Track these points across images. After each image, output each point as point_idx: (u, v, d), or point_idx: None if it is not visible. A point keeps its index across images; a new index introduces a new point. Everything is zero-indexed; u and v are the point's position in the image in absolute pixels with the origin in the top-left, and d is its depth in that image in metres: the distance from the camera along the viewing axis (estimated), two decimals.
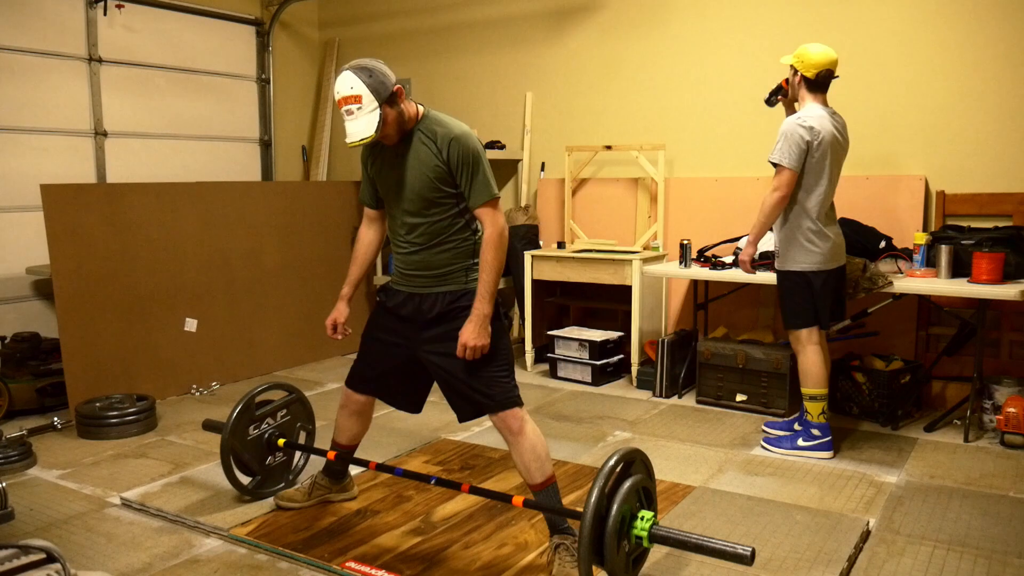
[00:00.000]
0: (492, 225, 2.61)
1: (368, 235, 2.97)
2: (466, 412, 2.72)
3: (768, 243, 4.41)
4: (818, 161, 3.60)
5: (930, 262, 4.08)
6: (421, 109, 2.67)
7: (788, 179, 3.58)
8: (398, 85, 2.56)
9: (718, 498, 3.24)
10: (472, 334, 2.58)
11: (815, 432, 3.73)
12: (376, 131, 2.51)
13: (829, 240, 3.65)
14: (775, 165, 3.61)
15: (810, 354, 3.69)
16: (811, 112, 3.62)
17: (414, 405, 2.96)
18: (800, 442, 3.75)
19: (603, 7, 5.53)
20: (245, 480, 3.24)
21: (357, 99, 2.49)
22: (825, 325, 3.71)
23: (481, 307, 2.60)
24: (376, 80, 2.50)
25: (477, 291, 2.62)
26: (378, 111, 2.51)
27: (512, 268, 5.67)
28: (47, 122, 5.25)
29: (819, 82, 3.65)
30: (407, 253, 2.73)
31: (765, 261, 4.28)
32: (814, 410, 3.72)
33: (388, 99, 2.53)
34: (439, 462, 3.71)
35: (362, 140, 2.52)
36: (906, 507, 3.15)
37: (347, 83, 2.50)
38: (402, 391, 2.92)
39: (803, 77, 3.65)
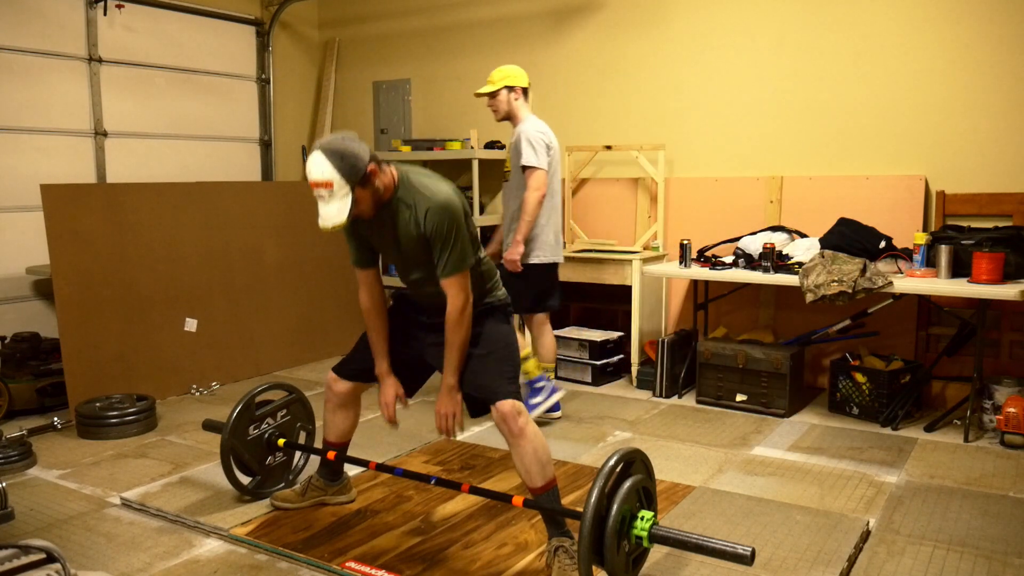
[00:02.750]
0: (455, 299, 2.62)
1: (371, 300, 2.89)
2: (475, 408, 2.78)
3: (795, 247, 4.43)
4: (550, 165, 4.12)
5: (930, 262, 4.07)
6: (397, 173, 2.63)
7: (544, 178, 4.07)
8: (372, 164, 2.51)
9: (718, 498, 3.24)
10: (445, 405, 2.72)
11: (538, 386, 4.12)
12: (348, 216, 2.49)
13: (557, 236, 4.23)
14: (527, 168, 4.06)
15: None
16: (539, 124, 4.17)
17: (405, 392, 2.99)
18: (532, 400, 4.08)
19: (603, 7, 5.53)
20: (245, 480, 3.24)
21: (328, 184, 2.45)
22: (555, 308, 4.31)
23: (449, 380, 2.71)
24: (347, 164, 2.46)
25: (446, 365, 2.70)
26: (349, 196, 2.48)
27: None
28: (47, 122, 5.25)
29: (527, 91, 4.23)
30: (416, 289, 2.81)
31: (782, 263, 4.30)
32: (531, 368, 4.11)
33: (360, 181, 2.49)
34: (439, 462, 3.71)
35: (334, 226, 2.50)
36: (906, 507, 3.15)
37: (318, 168, 2.46)
38: (398, 376, 2.94)
39: (522, 90, 4.19)
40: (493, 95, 4.19)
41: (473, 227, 2.73)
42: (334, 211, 2.49)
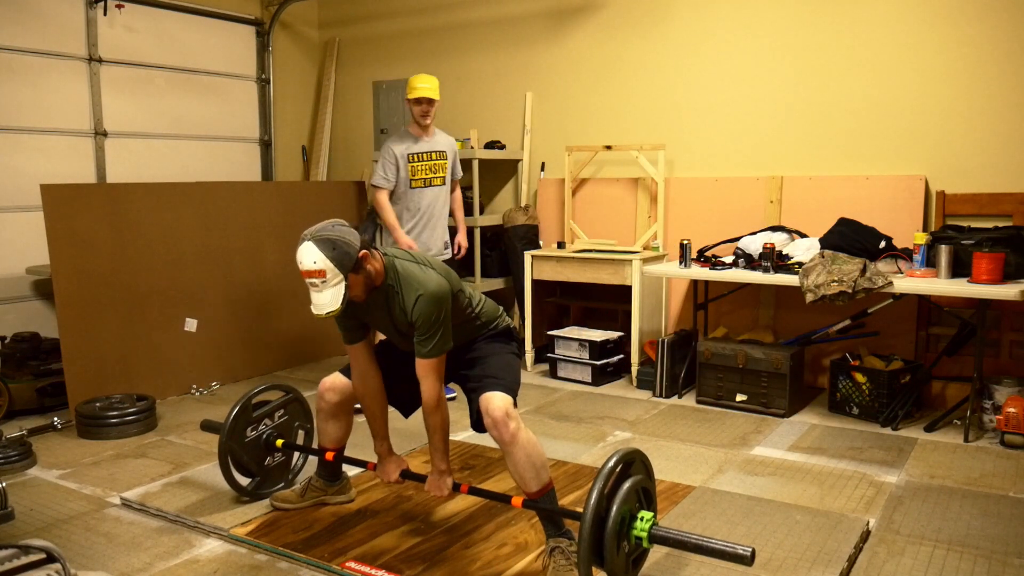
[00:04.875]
0: (432, 387, 2.65)
1: (365, 384, 2.85)
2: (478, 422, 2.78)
3: (795, 247, 4.43)
4: None
5: (930, 262, 4.07)
6: (386, 260, 2.65)
7: None
8: (363, 250, 2.53)
9: (718, 498, 3.24)
10: (435, 487, 2.78)
11: None
12: (342, 303, 2.49)
13: None
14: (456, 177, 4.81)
15: None
16: None
17: (405, 407, 3.01)
18: None
19: (603, 7, 5.53)
20: (244, 481, 3.24)
21: (321, 273, 2.46)
22: None
23: (439, 465, 2.76)
24: (340, 253, 2.47)
25: (435, 450, 2.74)
26: (343, 283, 2.48)
27: (512, 268, 5.67)
28: (47, 122, 5.25)
29: None
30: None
31: (782, 263, 4.30)
32: None
33: (353, 268, 2.50)
34: None
35: (328, 313, 2.50)
36: (906, 507, 3.15)
37: (310, 257, 2.46)
38: (399, 393, 2.95)
39: None
40: (434, 101, 4.52)
41: (466, 295, 2.79)
42: (327, 298, 2.49)
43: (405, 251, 2.74)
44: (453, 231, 4.98)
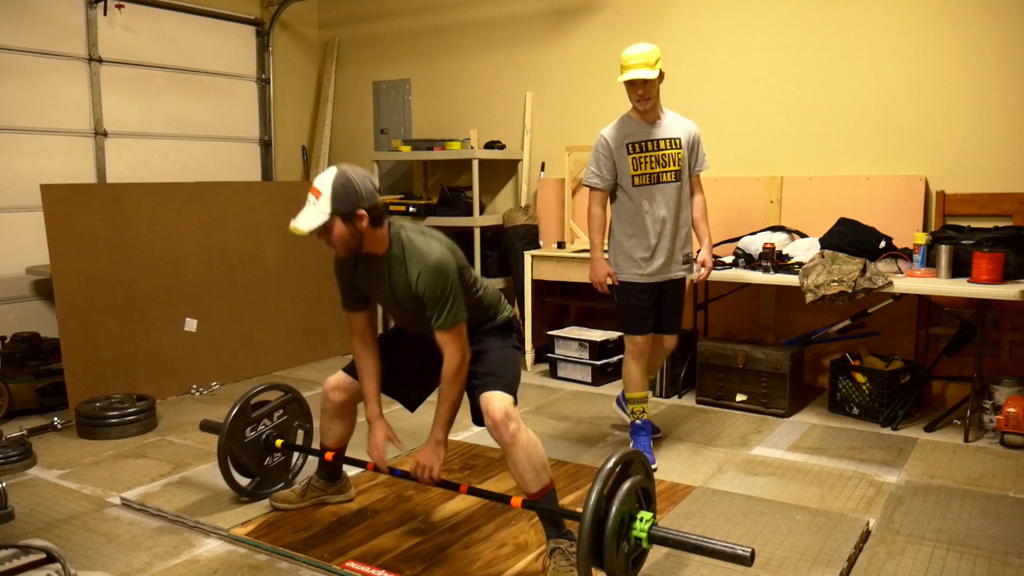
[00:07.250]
0: (452, 356, 2.61)
1: (363, 345, 2.85)
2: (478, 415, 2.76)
3: (795, 247, 4.42)
4: None
5: (930, 262, 4.07)
6: (392, 230, 2.64)
7: None
8: (363, 210, 2.52)
9: (718, 498, 3.24)
10: (427, 458, 2.69)
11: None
12: (312, 233, 2.51)
13: None
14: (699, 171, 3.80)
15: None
16: None
17: (411, 403, 3.02)
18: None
19: (603, 7, 5.53)
20: (244, 482, 3.24)
21: (317, 194, 2.51)
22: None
23: (437, 434, 2.68)
24: (343, 193, 2.50)
25: (436, 419, 2.69)
26: (326, 216, 2.50)
27: (512, 268, 5.67)
28: (47, 122, 5.25)
29: None
30: (413, 330, 2.85)
31: (782, 263, 4.29)
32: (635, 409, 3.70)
33: (344, 214, 2.51)
34: None
35: (294, 229, 2.51)
36: (906, 507, 3.15)
37: (323, 178, 2.53)
38: (404, 386, 2.96)
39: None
40: (649, 81, 3.38)
41: (471, 273, 2.76)
42: (305, 219, 2.53)
43: (413, 224, 2.72)
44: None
